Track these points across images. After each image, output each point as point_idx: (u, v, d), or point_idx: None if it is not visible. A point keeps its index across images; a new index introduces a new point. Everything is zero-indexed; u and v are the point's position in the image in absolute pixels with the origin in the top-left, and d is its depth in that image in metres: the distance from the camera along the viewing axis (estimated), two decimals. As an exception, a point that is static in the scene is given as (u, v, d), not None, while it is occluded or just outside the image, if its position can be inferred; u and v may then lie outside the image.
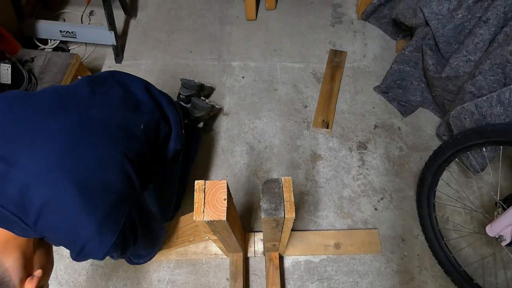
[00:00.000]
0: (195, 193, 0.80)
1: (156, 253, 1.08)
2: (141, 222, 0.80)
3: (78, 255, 0.72)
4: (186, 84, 1.53)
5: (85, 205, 0.66)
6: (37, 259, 0.71)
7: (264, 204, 0.80)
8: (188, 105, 1.53)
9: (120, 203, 0.73)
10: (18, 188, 0.63)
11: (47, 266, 0.74)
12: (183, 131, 1.17)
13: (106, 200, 0.70)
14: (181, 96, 1.54)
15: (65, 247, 0.73)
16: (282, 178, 0.83)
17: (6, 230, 0.64)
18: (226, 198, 0.80)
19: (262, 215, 0.79)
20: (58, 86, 0.85)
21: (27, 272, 0.67)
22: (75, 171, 0.66)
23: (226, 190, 0.80)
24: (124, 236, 0.74)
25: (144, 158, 0.87)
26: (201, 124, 1.56)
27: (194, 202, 0.79)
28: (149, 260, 1.07)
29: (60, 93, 0.80)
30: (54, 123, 0.71)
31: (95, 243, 0.69)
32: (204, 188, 0.81)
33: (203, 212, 0.78)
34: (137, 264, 1.08)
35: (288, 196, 0.81)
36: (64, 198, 0.65)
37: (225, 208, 0.78)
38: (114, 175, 0.73)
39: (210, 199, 0.80)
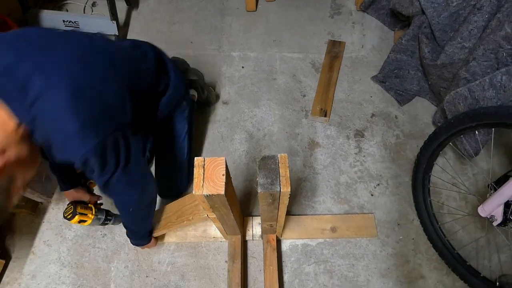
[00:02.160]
0: (195, 169, 0.83)
1: (143, 203, 1.07)
2: (126, 151, 0.87)
3: (58, 152, 0.80)
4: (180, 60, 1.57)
5: (74, 106, 0.74)
6: (18, 148, 0.76)
7: (261, 179, 0.83)
8: None
9: (108, 119, 0.81)
10: (25, 73, 0.72)
11: (27, 160, 0.79)
12: (188, 92, 1.35)
13: (95, 110, 0.78)
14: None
15: (48, 143, 0.79)
16: (278, 155, 0.85)
17: (2, 112, 0.73)
18: (224, 173, 0.83)
19: (259, 189, 0.82)
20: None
21: (1, 150, 0.73)
22: (76, 77, 0.76)
23: (224, 166, 0.83)
24: (105, 150, 0.81)
25: (140, 93, 0.99)
26: (194, 93, 1.54)
27: (194, 177, 0.82)
28: (136, 215, 1.11)
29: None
30: (67, 43, 0.81)
31: (75, 142, 0.77)
32: (204, 164, 0.84)
33: (202, 186, 0.81)
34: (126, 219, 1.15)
35: (284, 172, 0.83)
36: (58, 93, 0.73)
37: (223, 183, 0.81)
38: (110, 94, 0.83)
39: (209, 175, 0.83)
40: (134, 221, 1.15)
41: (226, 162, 0.85)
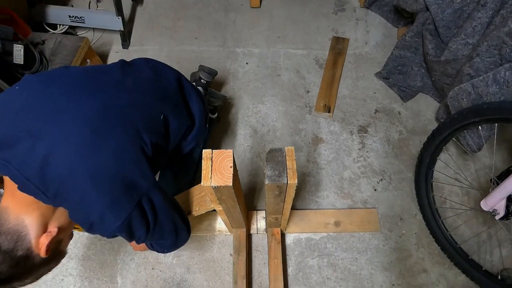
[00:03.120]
0: (203, 161, 0.84)
1: (177, 247, 1.05)
2: (152, 213, 0.82)
3: (88, 230, 0.78)
4: (206, 69, 1.49)
5: (95, 191, 0.72)
6: (56, 218, 0.78)
7: (268, 171, 0.84)
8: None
9: (129, 192, 0.77)
10: (39, 163, 0.70)
11: (66, 223, 0.81)
12: (207, 125, 1.21)
13: (116, 189, 0.75)
14: (202, 81, 1.49)
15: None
16: (285, 148, 0.87)
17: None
18: (232, 165, 0.84)
19: (266, 181, 0.84)
20: (95, 66, 0.90)
21: (44, 229, 0.76)
22: (91, 160, 0.73)
23: (232, 158, 0.85)
24: (130, 223, 0.78)
25: (159, 149, 0.92)
26: (215, 114, 1.54)
27: (202, 169, 0.84)
28: (171, 251, 1.08)
29: (94, 72, 0.87)
30: (81, 105, 0.77)
31: (100, 225, 0.76)
32: (212, 157, 0.85)
33: (211, 178, 0.83)
34: (160, 252, 1.07)
35: (291, 164, 0.85)
36: (78, 183, 0.72)
37: (231, 175, 0.83)
38: (128, 167, 0.78)
39: (217, 167, 0.84)
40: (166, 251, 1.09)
41: (233, 154, 0.86)
